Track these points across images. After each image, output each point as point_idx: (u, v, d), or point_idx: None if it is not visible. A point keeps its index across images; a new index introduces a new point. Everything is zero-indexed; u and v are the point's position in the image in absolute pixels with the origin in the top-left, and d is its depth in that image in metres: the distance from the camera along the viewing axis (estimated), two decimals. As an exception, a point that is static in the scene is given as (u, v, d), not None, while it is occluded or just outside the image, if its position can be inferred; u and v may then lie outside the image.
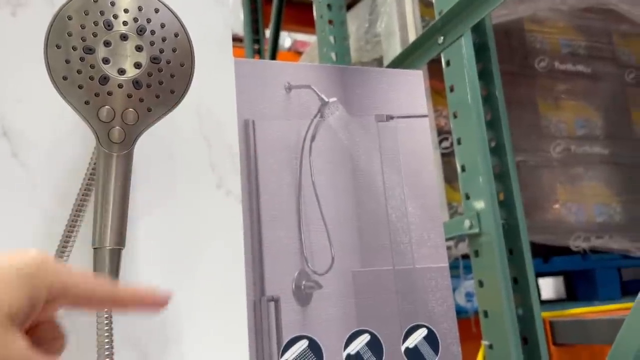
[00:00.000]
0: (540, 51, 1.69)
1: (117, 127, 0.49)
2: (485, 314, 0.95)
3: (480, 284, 0.96)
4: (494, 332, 0.93)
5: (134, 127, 0.50)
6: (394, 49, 1.47)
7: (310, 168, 0.67)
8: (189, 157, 0.61)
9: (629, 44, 1.86)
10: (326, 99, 0.69)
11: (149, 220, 0.57)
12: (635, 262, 1.61)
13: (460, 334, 0.97)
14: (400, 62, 1.19)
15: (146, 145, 0.58)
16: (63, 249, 0.52)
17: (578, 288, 1.63)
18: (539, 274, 1.77)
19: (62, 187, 0.56)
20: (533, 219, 1.47)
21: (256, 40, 2.47)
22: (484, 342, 0.94)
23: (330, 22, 1.57)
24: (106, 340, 0.47)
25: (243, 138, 0.63)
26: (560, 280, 1.96)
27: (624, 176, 1.68)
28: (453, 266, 1.36)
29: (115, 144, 0.50)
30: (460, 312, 1.39)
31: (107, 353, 0.47)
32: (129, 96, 0.49)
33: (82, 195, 0.52)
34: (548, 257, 1.56)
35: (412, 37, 1.39)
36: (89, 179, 0.52)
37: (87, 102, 0.48)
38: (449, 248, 1.35)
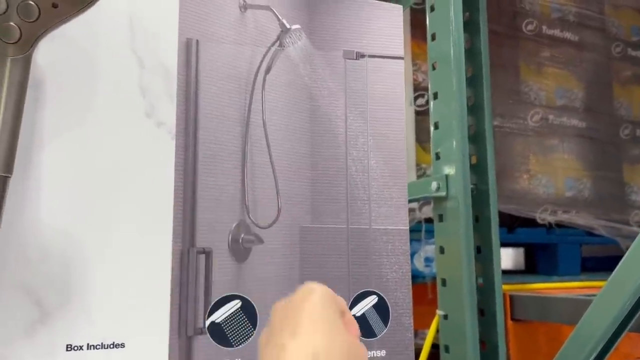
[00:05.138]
0: (529, 13, 1.61)
1: (12, 23, 0.39)
2: (444, 282, 0.89)
3: (442, 250, 0.90)
4: (451, 302, 0.88)
5: (34, 25, 0.40)
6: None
7: (262, 104, 0.57)
8: (114, 77, 0.51)
9: (620, 16, 1.80)
10: (288, 26, 0.59)
11: (59, 146, 0.48)
12: (597, 239, 1.59)
13: (416, 300, 0.91)
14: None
15: (59, 55, 0.48)
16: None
17: (539, 261, 1.61)
18: (502, 244, 1.74)
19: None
20: (501, 187, 1.43)
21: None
22: (439, 312, 0.89)
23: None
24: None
25: (183, 61, 0.53)
26: (520, 251, 1.95)
27: (597, 152, 1.64)
28: (415, 229, 1.30)
29: (9, 44, 0.39)
30: (417, 276, 1.34)
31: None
32: (28, -16, 0.39)
33: (-34, 107, 0.42)
34: (513, 227, 1.52)
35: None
36: (-24, 88, 0.42)
37: (-31, -14, 0.38)
38: (412, 210, 1.29)
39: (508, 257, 2.09)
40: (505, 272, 1.79)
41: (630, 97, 1.74)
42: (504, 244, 1.74)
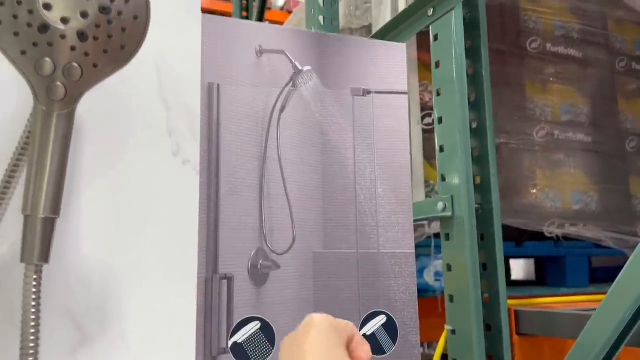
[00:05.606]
0: (533, 31, 1.64)
1: (58, 83, 0.45)
2: (451, 298, 0.93)
3: (449, 268, 0.94)
4: (458, 318, 0.91)
5: (78, 83, 0.45)
6: (384, 17, 1.41)
7: (277, 140, 0.63)
8: (144, 120, 0.56)
9: (623, 31, 1.82)
10: (300, 67, 0.64)
11: (95, 187, 0.53)
12: (606, 251, 1.61)
13: (427, 314, 0.95)
14: (388, 32, 1.14)
15: (95, 103, 0.53)
16: (-6, 213, 0.47)
17: (548, 273, 1.63)
18: (511, 257, 1.77)
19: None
20: (509, 202, 1.46)
21: (245, -4, 2.37)
22: (447, 327, 0.93)
23: (319, -18, 1.50)
24: (32, 311, 0.44)
25: (206, 103, 0.59)
26: (531, 262, 1.97)
27: (604, 165, 1.67)
28: (424, 245, 1.34)
29: (56, 101, 0.45)
30: (428, 291, 1.38)
31: (32, 324, 0.44)
32: (73, 49, 0.44)
33: (18, 156, 0.47)
34: (521, 241, 1.55)
35: (402, 5, 1.33)
36: (26, 139, 0.48)
37: (23, 52, 0.43)
38: (421, 226, 1.33)
39: (520, 268, 2.11)
40: (516, 283, 1.82)
41: (635, 111, 1.77)
42: (513, 257, 1.78)
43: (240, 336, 0.57)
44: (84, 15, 0.44)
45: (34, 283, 0.44)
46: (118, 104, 0.55)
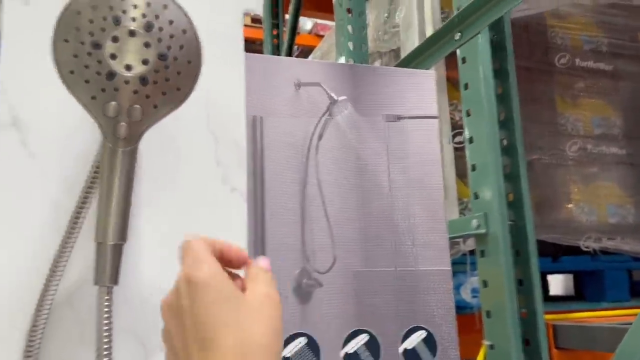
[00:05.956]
0: (561, 47, 1.65)
1: (123, 123, 0.50)
2: (488, 314, 0.95)
3: (485, 284, 0.96)
4: (496, 333, 0.93)
5: (140, 123, 0.50)
6: (412, 41, 1.45)
7: (316, 166, 0.67)
8: (195, 152, 0.61)
9: (653, 42, 1.81)
10: (335, 97, 0.68)
11: (152, 213, 0.58)
12: (645, 264, 1.59)
13: (465, 330, 0.97)
14: (416, 56, 1.18)
15: (152, 138, 0.58)
16: (67, 241, 0.52)
17: (586, 288, 1.62)
18: (548, 272, 1.76)
19: (71, 177, 0.56)
20: (545, 217, 1.46)
21: (275, 25, 2.45)
22: (485, 342, 0.94)
23: (349, 10, 1.55)
24: (105, 329, 0.48)
25: (250, 134, 0.64)
26: (569, 277, 1.95)
27: (639, 177, 1.65)
28: (460, 262, 1.35)
29: (121, 139, 0.50)
30: (465, 307, 1.39)
31: (106, 340, 0.48)
32: (135, 92, 0.49)
33: (87, 188, 0.53)
34: (557, 256, 1.55)
35: (429, 29, 1.37)
36: (94, 172, 0.53)
37: (93, 97, 0.49)
38: (456, 244, 1.34)
39: (558, 284, 2.09)
40: (554, 299, 1.80)
41: (669, 121, 1.75)
42: (550, 273, 1.76)
43: (288, 351, 0.61)
44: (145, 62, 0.49)
45: (106, 303, 0.48)
46: (172, 138, 0.61)
